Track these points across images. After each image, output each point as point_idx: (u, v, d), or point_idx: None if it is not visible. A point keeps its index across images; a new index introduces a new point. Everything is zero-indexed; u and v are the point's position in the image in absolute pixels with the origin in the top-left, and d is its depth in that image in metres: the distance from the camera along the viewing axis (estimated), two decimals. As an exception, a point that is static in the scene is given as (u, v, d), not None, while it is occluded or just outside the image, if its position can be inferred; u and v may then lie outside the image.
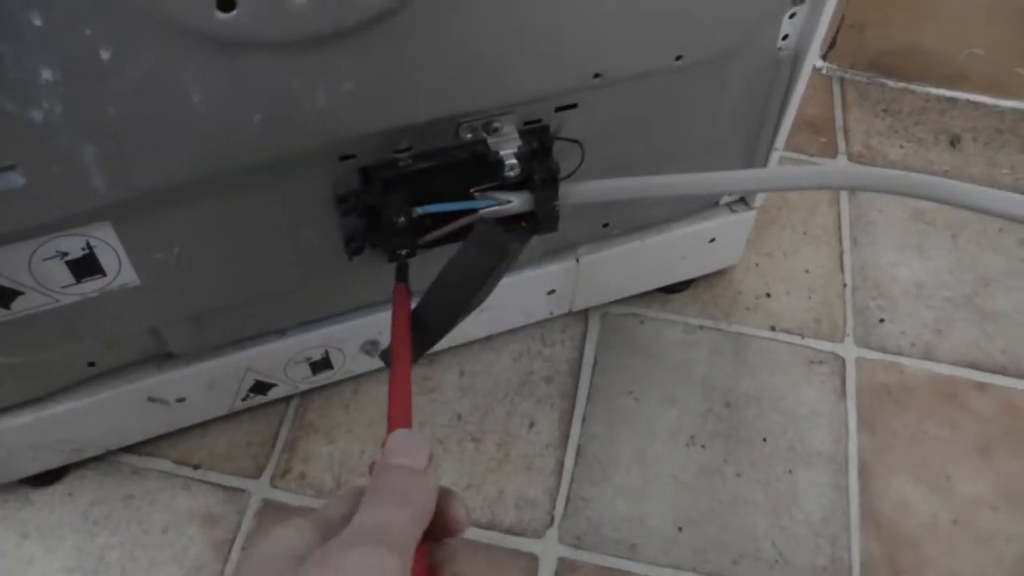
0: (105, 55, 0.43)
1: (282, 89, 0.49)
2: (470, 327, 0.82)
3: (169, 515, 0.77)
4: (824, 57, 1.15)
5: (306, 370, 0.77)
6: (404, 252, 0.58)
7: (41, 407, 0.69)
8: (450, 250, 0.55)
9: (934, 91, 1.13)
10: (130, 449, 0.80)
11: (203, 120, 0.48)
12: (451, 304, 0.53)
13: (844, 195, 1.02)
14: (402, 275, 0.56)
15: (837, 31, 1.12)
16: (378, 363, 0.80)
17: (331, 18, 0.46)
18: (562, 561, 0.76)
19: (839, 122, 1.10)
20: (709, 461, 0.82)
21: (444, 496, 0.36)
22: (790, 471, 0.81)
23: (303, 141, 0.52)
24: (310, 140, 0.53)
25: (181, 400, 0.74)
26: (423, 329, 0.52)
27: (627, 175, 0.57)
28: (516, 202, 0.57)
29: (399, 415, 0.40)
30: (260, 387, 0.77)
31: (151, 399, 0.72)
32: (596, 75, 0.58)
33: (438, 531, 0.36)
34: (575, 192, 0.58)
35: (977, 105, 1.12)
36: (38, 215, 0.49)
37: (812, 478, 0.81)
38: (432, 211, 0.57)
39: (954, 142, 1.08)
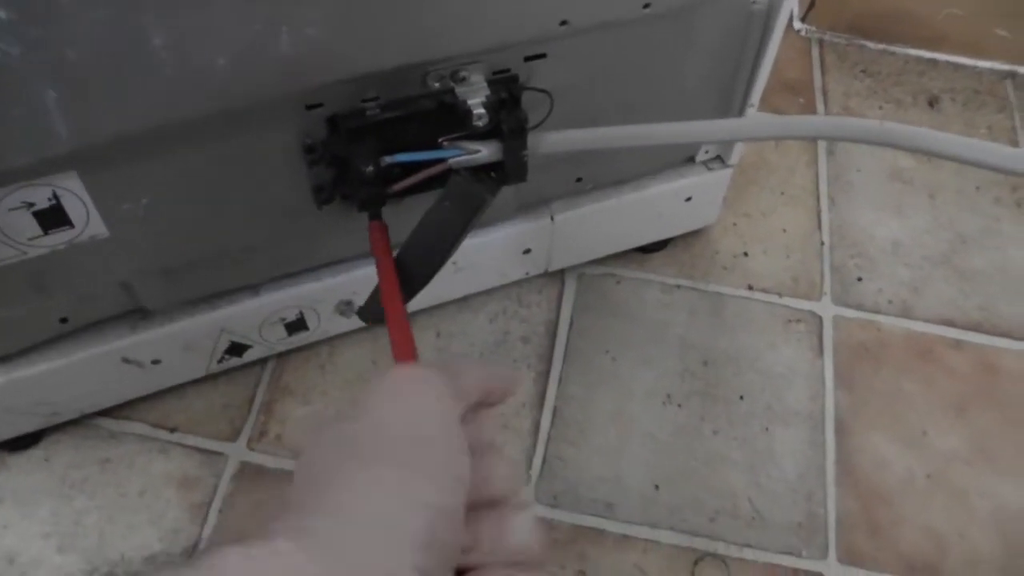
0: (62, -7, 0.43)
1: (244, 32, 0.48)
2: (446, 287, 0.82)
3: (146, 478, 0.77)
4: (803, 19, 1.15)
5: (281, 331, 0.77)
6: (374, 202, 0.57)
7: (14, 367, 0.69)
8: (420, 199, 0.55)
9: (913, 52, 1.13)
10: (106, 412, 0.80)
11: (165, 64, 0.48)
12: (428, 257, 0.53)
13: (822, 155, 1.02)
14: (375, 214, 0.55)
15: (816, -6, 1.12)
16: (354, 324, 0.80)
17: (292, -41, 0.46)
18: (539, 520, 0.76)
19: (818, 83, 1.10)
20: (686, 420, 0.82)
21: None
22: (767, 429, 0.81)
23: (268, 87, 0.52)
24: (275, 86, 0.52)
25: (156, 362, 0.74)
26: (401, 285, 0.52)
27: (597, 128, 0.57)
28: (484, 152, 0.56)
29: (402, 341, 0.41)
30: (235, 348, 0.77)
31: (126, 360, 0.72)
32: (563, 23, 0.57)
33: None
34: (544, 142, 0.58)
35: (956, 66, 1.12)
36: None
37: (789, 436, 0.81)
38: (400, 161, 0.57)
39: (932, 103, 1.08)
